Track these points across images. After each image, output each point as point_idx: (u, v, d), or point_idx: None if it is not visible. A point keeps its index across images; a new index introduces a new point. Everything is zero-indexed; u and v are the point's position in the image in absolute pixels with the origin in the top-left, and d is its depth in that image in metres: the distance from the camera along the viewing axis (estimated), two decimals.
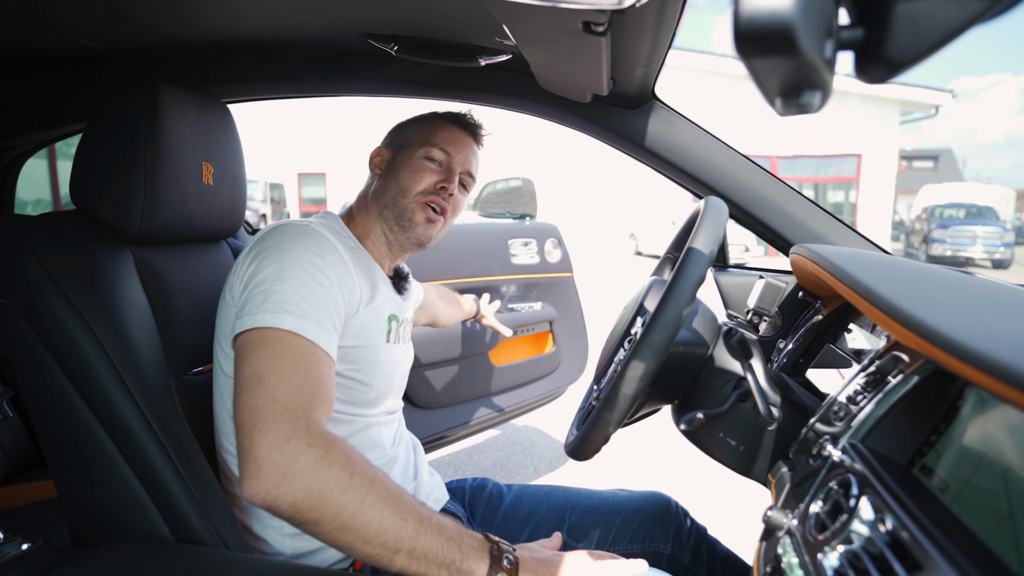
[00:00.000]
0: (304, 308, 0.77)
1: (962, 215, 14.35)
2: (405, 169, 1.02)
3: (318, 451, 0.66)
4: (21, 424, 1.41)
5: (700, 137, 1.22)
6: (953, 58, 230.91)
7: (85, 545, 0.89)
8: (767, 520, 0.63)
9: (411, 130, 1.06)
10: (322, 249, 0.85)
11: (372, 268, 1.00)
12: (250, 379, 0.71)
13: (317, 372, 0.74)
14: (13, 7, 0.98)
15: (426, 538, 0.69)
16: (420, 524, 0.69)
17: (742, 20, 0.30)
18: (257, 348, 0.73)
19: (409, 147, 1.04)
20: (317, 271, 0.81)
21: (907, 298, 0.64)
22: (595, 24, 0.71)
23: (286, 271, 0.80)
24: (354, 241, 1.01)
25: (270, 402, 0.68)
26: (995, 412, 0.52)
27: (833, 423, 0.72)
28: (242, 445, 0.68)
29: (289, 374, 0.71)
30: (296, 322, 0.75)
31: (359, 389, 0.94)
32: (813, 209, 1.21)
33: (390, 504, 0.68)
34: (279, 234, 0.86)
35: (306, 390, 0.71)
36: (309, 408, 0.70)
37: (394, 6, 0.95)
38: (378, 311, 0.95)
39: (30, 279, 0.85)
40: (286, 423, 0.67)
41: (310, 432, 0.68)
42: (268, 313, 0.75)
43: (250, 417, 0.68)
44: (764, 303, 1.19)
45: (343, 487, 0.66)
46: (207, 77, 1.29)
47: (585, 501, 1.13)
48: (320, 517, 0.66)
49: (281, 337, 0.74)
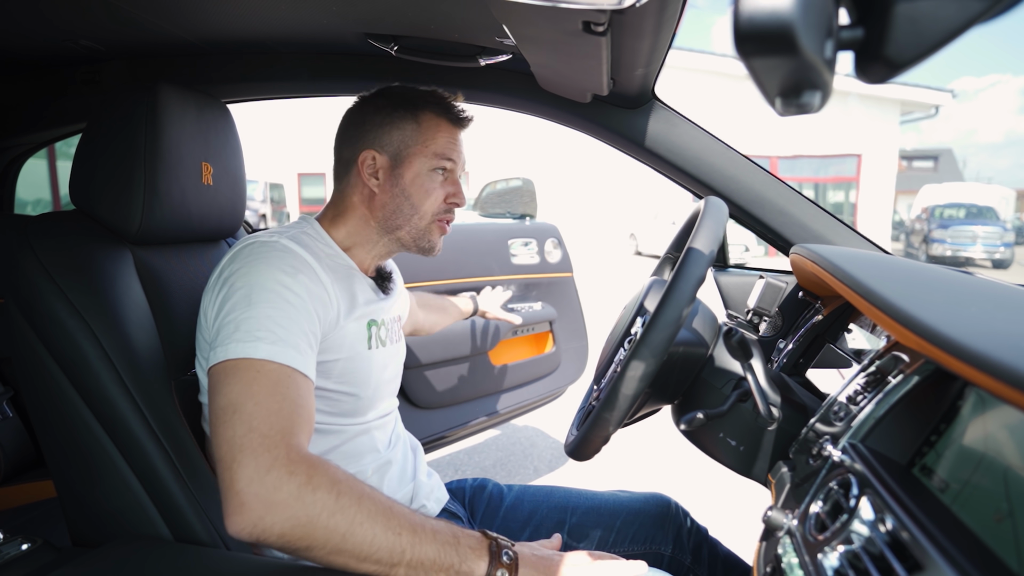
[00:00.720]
0: (277, 332, 0.75)
1: (962, 215, 14.35)
2: (416, 188, 0.96)
3: (300, 478, 0.65)
4: (21, 424, 1.41)
5: (700, 137, 1.22)
6: (953, 58, 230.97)
7: (85, 545, 0.89)
8: (767, 520, 0.63)
9: (405, 132, 0.96)
10: (292, 268, 0.82)
11: (351, 278, 0.95)
12: (225, 409, 0.69)
13: (295, 395, 0.73)
14: (13, 7, 0.98)
15: (422, 547, 0.68)
16: (414, 534, 0.69)
17: (742, 20, 0.30)
18: (230, 378, 0.72)
19: (411, 157, 0.96)
20: (287, 291, 0.79)
21: (907, 298, 0.64)
22: (595, 24, 0.71)
23: (255, 295, 0.77)
24: (334, 249, 0.96)
25: (247, 432, 0.67)
26: (995, 412, 0.52)
27: (833, 423, 0.72)
28: (223, 480, 0.66)
29: (266, 400, 0.70)
30: (269, 348, 0.73)
31: (345, 400, 0.92)
32: (813, 209, 1.21)
33: (381, 520, 0.68)
34: (246, 255, 0.83)
35: (284, 415, 0.70)
36: (289, 434, 0.69)
37: (394, 6, 0.95)
38: (357, 320, 0.92)
39: (30, 279, 0.85)
40: (265, 453, 0.66)
41: (291, 459, 0.66)
42: (239, 343, 0.73)
43: (228, 450, 0.67)
44: (764, 303, 1.19)
45: (331, 510, 0.65)
46: (207, 77, 1.29)
47: (586, 502, 1.13)
48: (311, 543, 0.65)
49: (254, 364, 0.72)
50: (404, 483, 1.02)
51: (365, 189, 0.97)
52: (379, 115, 0.96)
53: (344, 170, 0.99)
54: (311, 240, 0.93)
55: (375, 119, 0.96)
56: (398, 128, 0.96)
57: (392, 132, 0.96)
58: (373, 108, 0.97)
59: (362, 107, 0.99)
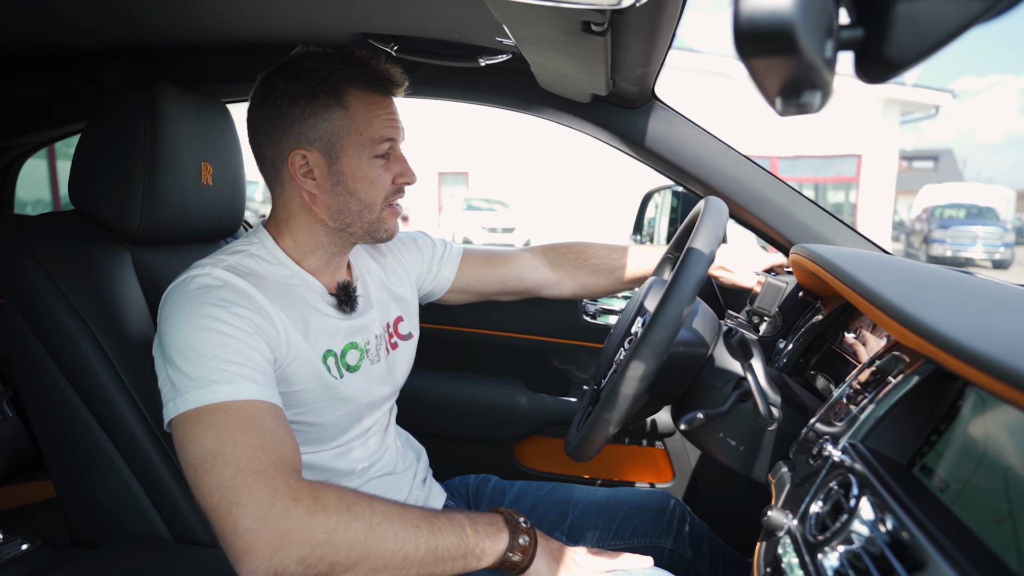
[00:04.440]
0: (230, 371, 0.71)
1: (962, 215, 14.35)
2: (360, 181, 0.86)
3: (307, 502, 0.64)
4: (21, 424, 1.41)
5: (700, 137, 1.22)
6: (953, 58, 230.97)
7: (85, 545, 0.89)
8: (767, 520, 0.63)
9: (332, 122, 0.84)
10: (224, 301, 0.76)
11: (305, 300, 0.87)
12: (204, 459, 0.66)
13: (273, 426, 0.70)
14: (13, 7, 0.98)
15: (442, 535, 0.69)
16: (431, 525, 0.69)
17: (742, 20, 0.30)
18: (198, 427, 0.68)
19: (346, 148, 0.85)
20: (224, 325, 0.74)
21: (907, 298, 0.64)
22: (595, 24, 0.71)
23: (192, 339, 0.73)
24: (285, 264, 0.88)
25: (237, 473, 0.64)
26: (995, 412, 0.52)
27: (833, 423, 0.72)
28: (222, 528, 0.64)
29: (244, 439, 0.67)
30: (227, 388, 0.70)
31: (310, 431, 0.87)
32: (813, 209, 1.21)
33: (397, 519, 0.68)
34: (176, 296, 0.78)
35: (269, 448, 0.67)
36: (281, 464, 0.67)
37: (394, 6, 0.95)
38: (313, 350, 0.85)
39: (29, 280, 0.85)
40: (263, 488, 0.64)
41: (291, 487, 0.65)
42: (196, 391, 0.70)
43: (221, 496, 0.64)
44: (764, 303, 1.19)
45: (346, 522, 0.65)
46: (207, 77, 1.29)
47: (587, 497, 1.13)
48: (334, 558, 0.64)
49: (219, 408, 0.69)
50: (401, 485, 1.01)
51: (303, 192, 0.87)
52: (297, 106, 0.83)
53: (273, 173, 0.88)
54: (257, 261, 0.86)
55: (294, 111, 0.83)
56: (323, 119, 0.84)
57: (318, 124, 0.84)
58: (287, 97, 0.84)
59: (272, 95, 0.85)
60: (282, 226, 0.90)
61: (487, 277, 1.19)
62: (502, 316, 1.48)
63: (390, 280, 1.06)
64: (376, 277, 1.04)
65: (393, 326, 1.03)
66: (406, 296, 1.08)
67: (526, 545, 0.76)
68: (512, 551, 0.75)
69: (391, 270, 1.08)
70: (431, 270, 1.14)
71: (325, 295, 0.91)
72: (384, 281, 1.05)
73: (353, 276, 0.98)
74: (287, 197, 0.88)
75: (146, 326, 0.91)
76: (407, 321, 1.07)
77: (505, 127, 13.90)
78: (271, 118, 0.85)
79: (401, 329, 1.05)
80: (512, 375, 1.55)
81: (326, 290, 0.91)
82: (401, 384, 1.05)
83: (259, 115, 0.86)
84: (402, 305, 1.07)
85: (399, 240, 1.12)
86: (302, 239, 0.90)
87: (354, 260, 1.00)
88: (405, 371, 1.06)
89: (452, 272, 1.16)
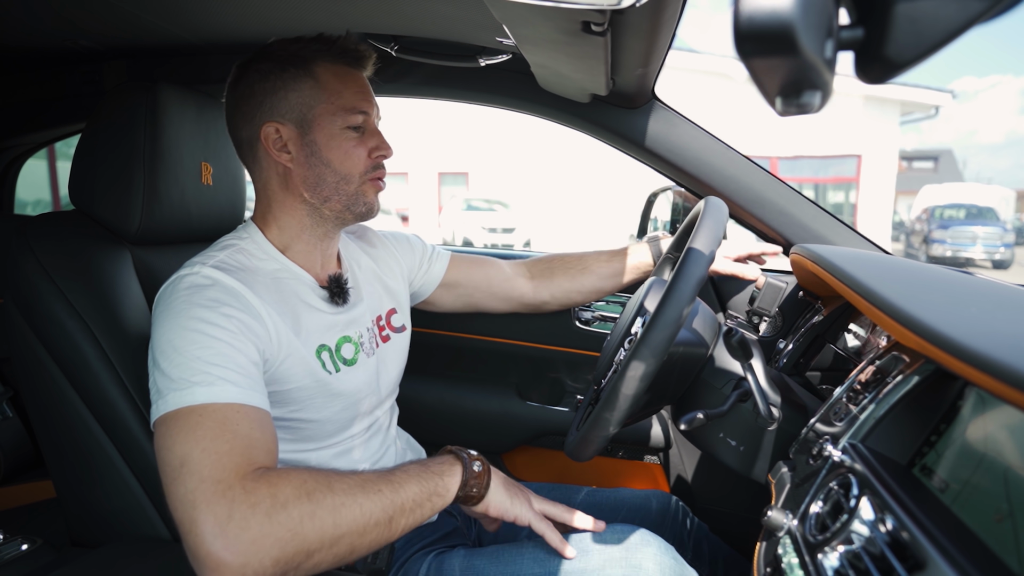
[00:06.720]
0: (212, 372, 0.71)
1: (962, 216, 14.34)
2: (333, 152, 0.86)
3: (264, 503, 0.64)
4: (21, 424, 1.41)
5: (700, 137, 1.22)
6: (954, 58, 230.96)
7: (85, 545, 0.89)
8: (767, 520, 0.63)
9: (303, 93, 0.85)
10: (213, 301, 0.76)
11: (296, 294, 0.87)
12: (173, 466, 0.66)
13: (247, 430, 0.70)
14: (13, 7, 0.98)
15: (404, 489, 0.72)
16: (391, 484, 0.72)
17: (742, 20, 0.30)
18: (172, 431, 0.68)
19: (318, 118, 0.86)
20: (211, 326, 0.74)
21: (907, 298, 0.64)
22: (595, 24, 0.71)
23: (178, 340, 0.72)
24: (275, 257, 0.88)
25: (198, 484, 0.64)
26: (995, 412, 0.52)
27: (833, 423, 0.72)
28: (187, 543, 0.63)
29: (213, 445, 0.66)
30: (206, 391, 0.69)
31: (306, 428, 0.87)
32: (813, 209, 1.21)
33: (358, 490, 0.69)
34: (166, 296, 0.78)
35: (237, 452, 0.67)
36: (243, 467, 0.66)
37: (394, 6, 0.95)
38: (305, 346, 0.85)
39: (29, 280, 0.85)
40: (220, 499, 0.63)
41: (247, 491, 0.64)
42: (176, 392, 0.70)
43: (183, 510, 0.63)
44: (764, 303, 1.19)
45: (310, 512, 0.65)
46: (207, 77, 1.29)
47: (586, 498, 1.13)
48: (308, 548, 0.64)
49: (195, 411, 0.69)
50: None
51: (279, 167, 0.87)
52: (268, 81, 0.85)
53: (250, 153, 0.88)
54: (246, 255, 0.86)
55: (264, 86, 0.85)
56: (294, 90, 0.85)
57: (288, 96, 0.85)
58: (258, 75, 0.86)
59: (245, 77, 0.87)
60: (266, 214, 0.90)
61: (475, 275, 1.21)
62: (494, 321, 1.46)
63: (382, 271, 1.06)
64: (367, 268, 1.03)
65: (386, 318, 1.03)
66: (399, 289, 1.08)
67: (480, 471, 0.81)
68: (469, 479, 0.79)
69: (383, 262, 1.07)
70: (422, 267, 1.16)
71: (316, 288, 0.90)
72: (376, 272, 1.05)
73: (343, 268, 0.98)
74: (266, 177, 0.89)
75: (146, 326, 0.91)
76: (400, 314, 1.06)
77: (505, 127, 13.89)
78: (243, 97, 0.86)
79: (394, 321, 1.04)
80: (503, 383, 1.53)
81: (316, 283, 0.91)
82: (396, 379, 1.04)
83: (233, 98, 0.88)
84: (395, 297, 1.06)
85: (392, 237, 1.14)
86: (286, 223, 0.90)
87: (344, 251, 1.00)
88: (399, 365, 1.05)
89: (442, 268, 1.18)
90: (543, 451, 1.54)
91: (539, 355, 1.50)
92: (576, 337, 1.47)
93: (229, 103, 0.89)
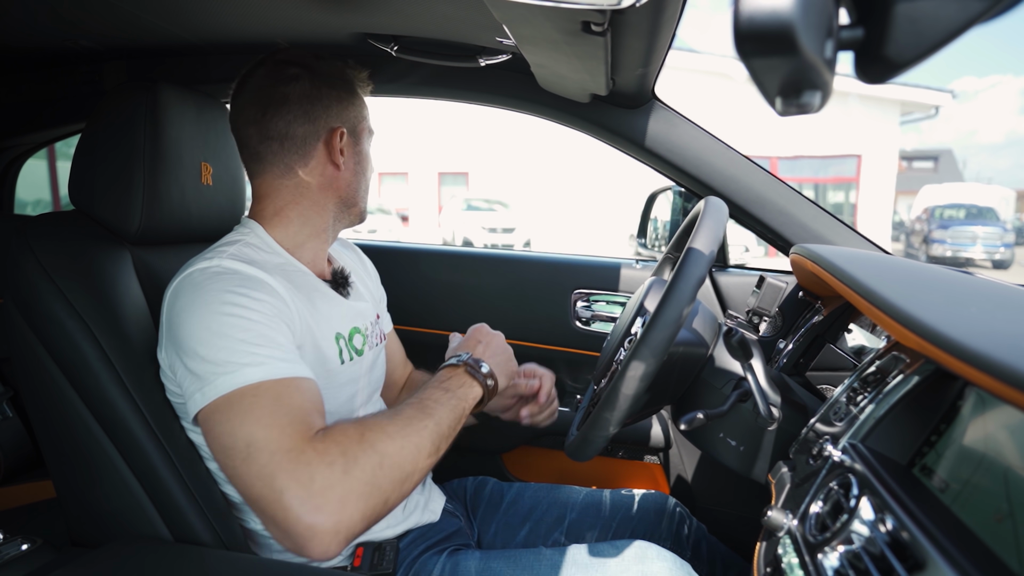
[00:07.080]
0: (259, 352, 0.71)
1: (962, 216, 14.34)
2: (368, 164, 0.96)
3: (339, 462, 0.65)
4: (21, 424, 1.41)
5: (700, 137, 1.22)
6: (954, 58, 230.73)
7: (85, 545, 0.89)
8: (767, 520, 0.63)
9: (355, 107, 0.93)
10: (242, 287, 0.76)
11: (307, 285, 0.89)
12: (237, 448, 0.66)
13: (300, 401, 0.71)
14: (13, 7, 0.98)
15: (442, 419, 0.76)
16: (430, 416, 0.76)
17: (742, 20, 0.30)
18: (227, 414, 0.68)
19: (362, 132, 0.94)
20: (245, 309, 0.74)
21: (907, 298, 0.64)
22: (595, 24, 0.71)
23: (215, 324, 0.72)
24: (280, 254, 0.89)
25: (270, 457, 0.65)
26: (995, 412, 0.52)
27: (833, 423, 0.72)
28: (276, 517, 0.63)
29: (274, 419, 0.67)
30: (257, 371, 0.70)
31: None
32: (813, 209, 1.21)
33: (409, 430, 0.73)
34: (188, 288, 0.77)
35: (298, 420, 0.68)
36: (307, 432, 0.67)
37: (394, 6, 0.95)
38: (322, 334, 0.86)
39: (29, 280, 0.85)
40: (298, 465, 0.64)
41: (320, 452, 0.65)
42: (225, 376, 0.69)
43: (264, 484, 0.64)
44: (764, 303, 1.19)
45: (377, 462, 0.68)
46: (207, 77, 1.29)
47: (586, 499, 1.13)
48: (385, 496, 0.68)
49: (248, 391, 0.69)
50: None
51: (328, 169, 0.89)
52: (334, 88, 0.90)
53: (298, 152, 0.88)
54: (255, 251, 0.86)
55: (331, 92, 0.89)
56: (349, 104, 0.92)
57: (352, 105, 0.92)
58: (323, 79, 0.89)
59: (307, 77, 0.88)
60: (280, 212, 0.90)
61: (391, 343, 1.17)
62: (494, 321, 1.46)
63: (365, 277, 1.10)
64: (356, 271, 1.06)
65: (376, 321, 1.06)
66: (379, 298, 1.13)
67: (488, 371, 0.86)
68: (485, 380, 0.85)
69: (364, 271, 1.12)
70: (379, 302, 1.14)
71: (319, 281, 0.93)
72: (362, 276, 1.08)
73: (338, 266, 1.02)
74: (307, 174, 0.89)
75: (146, 326, 0.91)
76: (384, 319, 1.11)
77: (505, 127, 13.89)
78: (306, 96, 0.87)
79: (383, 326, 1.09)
80: None
81: (319, 278, 0.93)
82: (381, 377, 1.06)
83: (292, 94, 0.87)
84: (377, 305, 1.10)
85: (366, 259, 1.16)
86: (308, 221, 0.91)
87: (335, 254, 1.04)
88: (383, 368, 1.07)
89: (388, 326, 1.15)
90: (543, 451, 1.54)
91: (539, 355, 1.50)
92: (576, 337, 1.47)
93: (277, 97, 0.86)
